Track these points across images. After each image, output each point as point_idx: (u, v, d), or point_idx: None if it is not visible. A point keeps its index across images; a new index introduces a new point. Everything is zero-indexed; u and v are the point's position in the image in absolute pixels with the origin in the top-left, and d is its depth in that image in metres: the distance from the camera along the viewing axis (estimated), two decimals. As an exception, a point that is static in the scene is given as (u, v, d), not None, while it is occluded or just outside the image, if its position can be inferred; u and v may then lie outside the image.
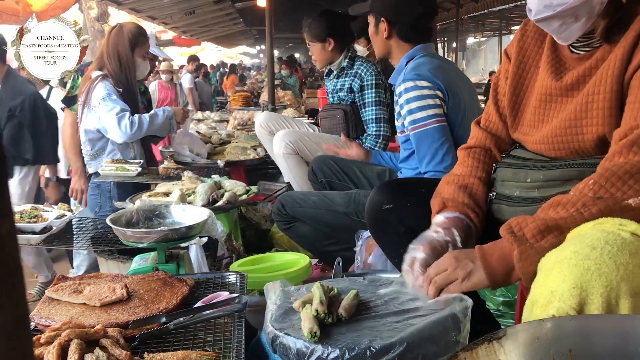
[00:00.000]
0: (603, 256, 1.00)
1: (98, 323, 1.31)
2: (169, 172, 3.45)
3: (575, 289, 0.99)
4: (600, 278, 0.98)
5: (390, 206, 1.66)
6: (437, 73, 2.31)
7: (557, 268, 1.05)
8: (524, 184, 1.44)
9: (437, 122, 2.25)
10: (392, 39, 2.46)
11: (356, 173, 2.76)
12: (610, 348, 0.88)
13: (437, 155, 2.25)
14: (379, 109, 3.37)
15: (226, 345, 1.30)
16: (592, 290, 0.98)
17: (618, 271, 0.98)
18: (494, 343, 0.88)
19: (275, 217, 2.71)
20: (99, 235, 2.11)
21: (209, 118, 6.47)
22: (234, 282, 1.68)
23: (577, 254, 1.03)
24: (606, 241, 1.03)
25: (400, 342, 1.18)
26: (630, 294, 0.97)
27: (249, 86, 12.13)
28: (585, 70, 1.37)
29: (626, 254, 1.00)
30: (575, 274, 1.00)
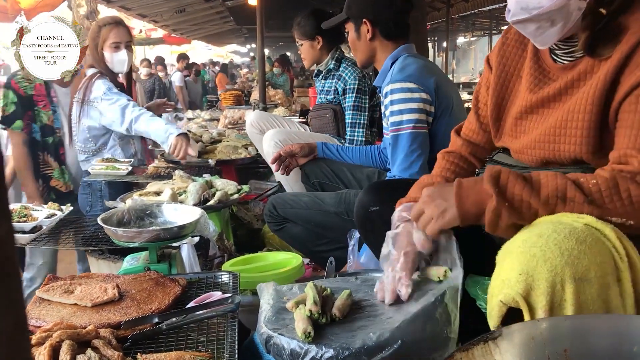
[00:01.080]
0: (549, 243, 1.03)
1: (90, 324, 1.30)
2: (159, 171, 3.43)
3: (522, 275, 1.02)
4: (545, 264, 1.01)
5: (377, 208, 1.68)
6: (425, 73, 2.32)
7: (507, 258, 1.09)
8: None
9: (414, 128, 2.27)
10: (376, 39, 2.47)
11: (347, 175, 2.77)
12: (605, 348, 0.88)
13: (406, 161, 2.27)
14: (355, 113, 3.36)
15: (219, 346, 1.29)
16: (537, 276, 1.01)
17: (562, 256, 1.01)
18: (490, 343, 0.88)
19: (266, 218, 2.71)
20: (89, 235, 2.09)
21: (199, 117, 6.45)
22: (226, 282, 1.67)
23: (525, 242, 1.07)
24: (554, 230, 1.06)
25: (394, 340, 1.18)
26: (574, 279, 0.99)
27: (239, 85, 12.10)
28: (567, 82, 1.35)
29: (572, 240, 1.03)
30: (522, 261, 1.03)
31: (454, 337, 1.23)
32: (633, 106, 1.21)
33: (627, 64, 1.23)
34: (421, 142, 2.28)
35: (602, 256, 1.02)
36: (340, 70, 3.46)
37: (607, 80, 1.25)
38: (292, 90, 10.05)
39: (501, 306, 1.05)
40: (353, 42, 2.54)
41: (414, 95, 2.27)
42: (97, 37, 3.24)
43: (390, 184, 1.96)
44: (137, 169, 3.35)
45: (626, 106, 1.23)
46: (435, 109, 2.32)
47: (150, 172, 3.37)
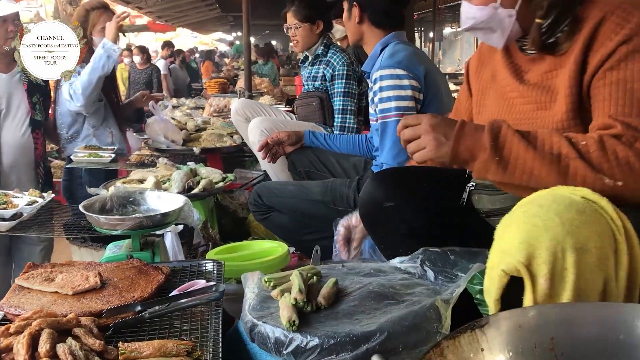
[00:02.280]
0: (549, 213, 1.03)
1: (70, 312, 1.27)
2: (143, 159, 3.40)
3: (523, 243, 1.02)
4: (547, 232, 1.01)
5: (392, 204, 1.55)
6: (415, 60, 2.31)
7: (507, 230, 1.08)
8: None
9: (403, 115, 2.25)
10: (364, 24, 2.45)
11: (333, 163, 2.75)
12: (592, 336, 0.88)
13: (395, 149, 2.26)
14: (346, 100, 3.34)
15: (203, 334, 1.28)
16: (539, 245, 1.01)
17: (564, 226, 1.00)
18: (477, 331, 0.87)
19: (251, 207, 2.68)
20: (71, 222, 2.06)
21: (184, 105, 6.39)
22: (210, 270, 1.65)
23: (526, 213, 1.07)
24: (554, 200, 1.06)
25: (381, 331, 1.17)
26: (575, 248, 0.99)
27: (225, 73, 12.01)
28: (541, 75, 1.41)
29: (572, 211, 1.03)
30: (523, 231, 1.03)
31: (445, 333, 1.22)
32: (601, 81, 1.27)
33: (591, 44, 1.29)
34: None
35: (600, 227, 1.03)
36: (329, 56, 3.43)
37: (577, 63, 1.31)
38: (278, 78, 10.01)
39: (502, 276, 1.04)
40: (345, 19, 2.54)
41: (403, 82, 2.26)
42: (85, 21, 3.18)
43: (403, 173, 1.78)
44: (120, 157, 3.32)
45: (596, 82, 1.28)
46: (424, 96, 2.31)
47: (133, 160, 3.34)
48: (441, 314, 1.22)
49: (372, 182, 1.62)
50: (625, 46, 1.24)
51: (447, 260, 1.45)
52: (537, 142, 1.21)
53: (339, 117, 3.33)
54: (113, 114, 3.48)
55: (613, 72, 1.26)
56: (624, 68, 1.24)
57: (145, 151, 3.62)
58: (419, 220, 1.54)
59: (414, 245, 1.53)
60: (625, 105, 1.23)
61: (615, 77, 1.25)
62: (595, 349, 0.87)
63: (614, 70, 1.26)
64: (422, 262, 1.47)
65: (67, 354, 1.09)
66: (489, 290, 1.09)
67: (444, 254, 1.45)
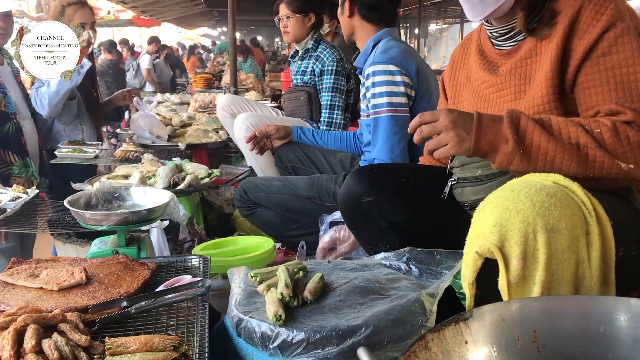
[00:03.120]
0: (520, 196, 1.06)
1: (56, 308, 1.27)
2: (127, 155, 3.38)
3: (496, 226, 1.05)
4: (518, 215, 1.04)
5: (371, 199, 1.56)
6: (407, 57, 2.32)
7: (481, 213, 1.12)
8: (485, 163, 1.47)
9: (396, 111, 2.27)
10: (354, 18, 2.46)
11: (320, 159, 2.76)
12: (573, 328, 0.89)
13: (387, 145, 2.27)
14: (334, 95, 3.34)
15: (189, 329, 1.28)
16: (510, 227, 1.03)
17: (534, 208, 1.03)
18: (461, 324, 0.88)
19: (237, 203, 2.68)
20: (56, 218, 2.04)
21: (168, 100, 6.35)
22: (196, 266, 1.65)
23: (498, 197, 1.10)
24: (525, 185, 1.10)
25: (367, 325, 1.18)
26: (546, 229, 1.02)
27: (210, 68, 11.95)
28: (515, 62, 1.45)
29: (543, 194, 1.06)
30: (496, 214, 1.06)
31: (430, 326, 1.23)
32: (595, 67, 1.32)
33: (573, 31, 1.35)
34: (402, 126, 2.27)
35: (571, 209, 1.06)
36: (319, 51, 3.42)
37: (558, 48, 1.35)
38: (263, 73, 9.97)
39: (476, 259, 1.06)
40: (339, 14, 2.54)
41: (395, 79, 2.26)
42: (60, 17, 3.14)
43: (383, 169, 1.79)
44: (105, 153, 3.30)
45: (588, 69, 1.33)
46: (415, 92, 2.32)
47: (118, 155, 3.32)
48: (426, 308, 1.24)
49: (351, 177, 1.62)
50: (612, 32, 1.30)
51: (433, 259, 1.47)
52: (555, 132, 1.25)
53: (326, 113, 3.33)
54: (89, 110, 3.44)
55: (607, 58, 1.31)
56: (616, 52, 1.30)
57: (130, 147, 3.59)
58: (398, 215, 1.55)
59: (394, 240, 1.55)
60: (625, 90, 1.28)
61: (609, 63, 1.31)
62: (576, 341, 0.89)
63: (607, 57, 1.31)
64: (408, 260, 1.49)
65: (53, 350, 1.09)
66: (465, 275, 1.11)
67: (429, 253, 1.48)
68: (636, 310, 0.88)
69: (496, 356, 0.88)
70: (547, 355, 0.89)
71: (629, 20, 1.32)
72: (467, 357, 0.87)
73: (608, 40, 1.30)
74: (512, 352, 0.88)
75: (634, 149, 1.22)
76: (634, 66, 1.29)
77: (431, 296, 1.25)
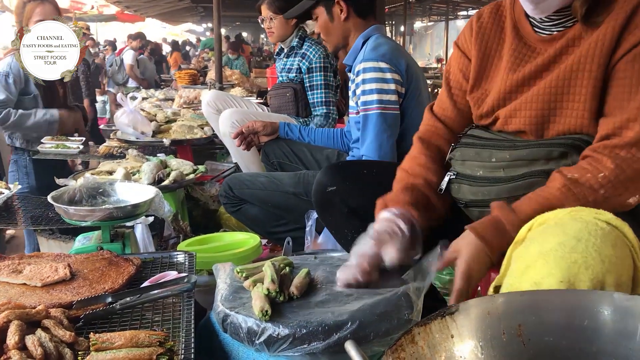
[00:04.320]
0: (589, 249, 1.01)
1: (40, 304, 1.26)
2: (112, 151, 3.35)
3: (563, 282, 0.99)
4: (587, 271, 0.99)
5: (334, 188, 1.68)
6: (397, 54, 2.32)
7: (541, 260, 1.04)
8: (488, 164, 1.41)
9: (386, 108, 2.27)
10: (350, 18, 2.43)
11: (306, 155, 2.76)
12: (558, 322, 0.90)
13: (376, 142, 2.27)
14: (327, 92, 3.36)
15: (175, 325, 1.27)
16: (579, 284, 0.99)
17: (603, 264, 0.99)
18: (447, 318, 0.89)
19: (222, 199, 2.67)
20: (39, 214, 2.02)
21: (153, 96, 6.31)
22: (182, 262, 1.65)
23: (563, 246, 1.03)
24: (589, 232, 1.03)
25: (353, 320, 1.18)
26: (614, 285, 0.99)
27: (195, 64, 11.89)
28: (557, 50, 1.34)
29: (609, 245, 1.01)
30: (563, 267, 1.00)
31: (416, 320, 1.24)
32: (630, 64, 1.23)
33: (628, 24, 1.24)
34: (391, 123, 2.27)
35: (628, 259, 1.03)
36: (304, 48, 3.43)
37: (612, 39, 1.25)
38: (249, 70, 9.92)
39: None
40: (326, 26, 2.48)
41: (385, 76, 2.26)
42: (21, 14, 3.10)
43: (348, 164, 1.95)
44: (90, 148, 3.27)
45: (621, 65, 1.25)
46: (406, 89, 2.32)
47: (102, 151, 3.29)
48: (412, 302, 1.24)
49: (321, 171, 1.76)
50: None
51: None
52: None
53: (323, 108, 3.34)
54: (51, 107, 3.33)
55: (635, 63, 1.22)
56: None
57: (113, 142, 3.57)
58: (356, 201, 1.64)
59: (357, 224, 1.58)
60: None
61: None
62: (561, 334, 0.89)
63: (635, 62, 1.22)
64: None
65: (37, 346, 1.08)
66: None
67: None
68: (619, 304, 0.89)
69: (482, 350, 0.88)
70: (532, 348, 0.89)
71: None
72: (453, 351, 0.87)
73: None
74: (497, 345, 0.89)
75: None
76: None
77: (417, 290, 1.26)
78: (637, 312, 0.86)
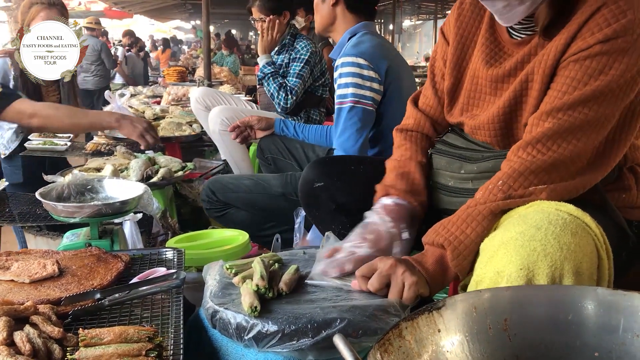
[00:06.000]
0: (548, 237, 1.04)
1: (28, 300, 1.25)
2: (99, 148, 3.33)
3: (522, 270, 1.03)
4: (546, 258, 1.03)
5: (322, 184, 1.69)
6: (379, 52, 2.32)
7: (502, 249, 1.08)
8: (458, 175, 1.45)
9: (360, 102, 2.27)
10: (338, 6, 2.43)
11: (300, 153, 2.76)
12: (543, 317, 0.92)
13: (345, 133, 2.27)
14: (297, 82, 3.29)
15: (164, 321, 1.27)
16: (538, 271, 1.03)
17: (562, 251, 1.03)
18: (434, 313, 0.90)
19: (205, 204, 2.65)
20: (27, 210, 2.01)
21: (141, 93, 6.28)
22: (171, 259, 1.64)
23: (523, 234, 1.07)
24: (549, 221, 1.07)
25: (342, 318, 1.19)
26: (572, 273, 1.02)
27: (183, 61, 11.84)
28: (522, 57, 1.36)
29: (568, 234, 1.05)
30: (522, 255, 1.04)
31: None
32: (562, 71, 1.26)
33: (576, 36, 1.25)
34: (365, 118, 2.27)
35: (589, 247, 1.06)
36: (295, 44, 3.42)
37: (561, 50, 1.27)
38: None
39: None
40: (317, 3, 2.50)
41: (363, 72, 2.26)
42: (25, 13, 3.08)
43: (335, 160, 1.95)
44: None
45: (559, 71, 1.27)
46: (384, 89, 2.32)
47: (90, 148, 3.27)
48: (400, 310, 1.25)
49: (307, 167, 1.77)
50: (600, 45, 1.21)
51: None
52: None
53: (282, 94, 3.30)
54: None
55: (576, 65, 1.24)
56: (582, 65, 1.23)
57: (101, 139, 3.55)
58: (344, 197, 1.66)
59: (344, 220, 1.63)
60: (562, 104, 1.24)
61: (572, 71, 1.24)
62: (546, 328, 0.91)
63: (577, 64, 1.23)
64: None
65: (25, 342, 1.07)
66: None
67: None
68: (602, 298, 0.91)
69: (468, 344, 0.89)
70: (518, 342, 0.91)
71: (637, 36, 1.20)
72: (440, 345, 0.88)
73: (591, 50, 1.22)
74: (483, 340, 0.90)
75: (542, 173, 1.22)
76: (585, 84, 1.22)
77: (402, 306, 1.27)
78: (620, 307, 0.88)
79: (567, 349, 0.90)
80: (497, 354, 0.90)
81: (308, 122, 3.43)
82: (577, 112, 1.23)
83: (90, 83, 8.41)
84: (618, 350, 0.87)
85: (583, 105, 1.22)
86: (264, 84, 3.28)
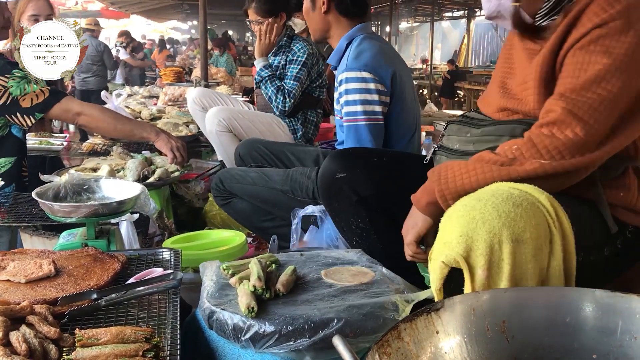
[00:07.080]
0: (487, 206, 1.09)
1: (24, 300, 1.25)
2: (95, 148, 3.33)
3: (462, 236, 1.07)
4: (484, 225, 1.06)
5: (344, 175, 1.66)
6: (381, 60, 2.28)
7: (448, 221, 1.14)
8: (464, 138, 1.51)
9: (371, 120, 2.25)
10: (330, 13, 2.39)
11: (288, 156, 2.71)
12: (541, 319, 0.92)
13: None
14: (295, 84, 3.27)
15: (161, 322, 1.27)
16: (476, 237, 1.06)
17: (500, 218, 1.06)
18: (432, 314, 0.90)
19: (213, 192, 2.65)
20: (22, 210, 2.00)
21: (137, 93, 6.27)
22: (167, 259, 1.64)
23: (465, 206, 1.12)
24: (492, 194, 1.12)
25: (339, 318, 1.19)
26: (511, 240, 1.05)
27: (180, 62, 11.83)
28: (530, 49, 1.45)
29: (509, 204, 1.08)
30: (462, 224, 1.08)
31: None
32: (569, 59, 1.31)
33: (574, 24, 1.32)
34: (376, 134, 2.26)
35: (536, 219, 1.08)
36: (292, 45, 3.41)
37: (558, 38, 1.34)
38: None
39: (443, 267, 1.09)
40: (307, 12, 2.46)
41: (369, 86, 2.23)
42: (14, 9, 3.06)
43: (357, 151, 1.92)
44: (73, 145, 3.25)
45: (566, 59, 1.32)
46: (390, 98, 2.30)
47: (86, 148, 3.27)
48: (399, 307, 1.25)
49: (329, 158, 1.75)
50: (599, 29, 1.27)
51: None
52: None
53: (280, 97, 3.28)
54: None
55: (582, 52, 1.29)
56: (587, 50, 1.28)
57: (98, 139, 3.54)
58: (367, 189, 1.65)
59: (364, 215, 1.64)
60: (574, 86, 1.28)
61: (579, 57, 1.29)
62: (544, 331, 0.91)
63: (582, 50, 1.29)
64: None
65: (21, 342, 1.07)
66: (432, 280, 1.14)
67: None
68: (600, 301, 0.91)
69: (466, 346, 0.89)
70: (516, 345, 0.91)
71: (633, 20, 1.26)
72: (438, 347, 0.88)
73: (591, 35, 1.27)
74: (481, 342, 0.90)
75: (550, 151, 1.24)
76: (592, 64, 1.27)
77: (406, 301, 1.27)
78: (618, 309, 0.89)
79: (565, 351, 0.90)
80: (495, 356, 0.90)
81: (305, 123, 3.42)
82: (590, 92, 1.26)
83: (91, 83, 8.41)
84: (616, 352, 0.87)
85: (597, 85, 1.26)
86: (261, 87, 3.28)
